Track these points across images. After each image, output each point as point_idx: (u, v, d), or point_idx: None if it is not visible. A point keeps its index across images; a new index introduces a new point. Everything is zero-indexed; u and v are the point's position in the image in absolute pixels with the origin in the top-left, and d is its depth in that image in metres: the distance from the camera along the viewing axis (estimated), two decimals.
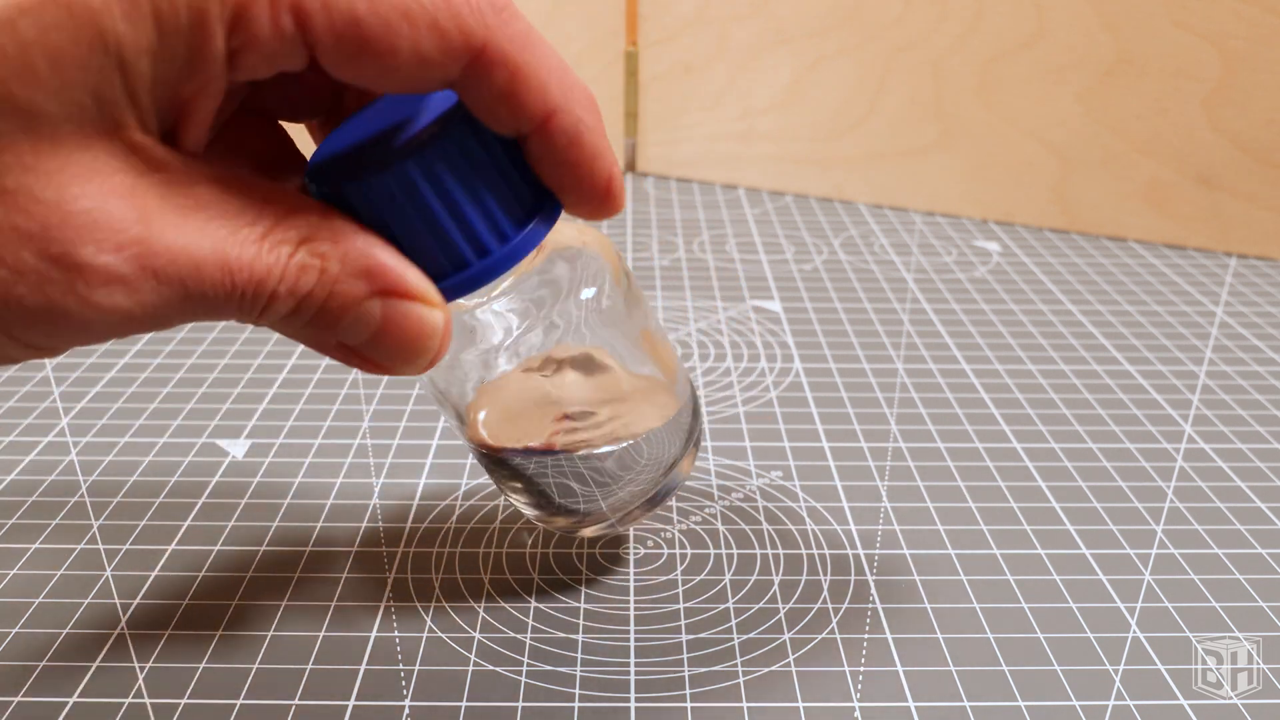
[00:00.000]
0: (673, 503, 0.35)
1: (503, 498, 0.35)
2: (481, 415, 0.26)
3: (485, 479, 0.36)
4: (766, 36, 0.65)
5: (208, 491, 0.35)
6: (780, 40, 0.65)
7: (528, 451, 0.27)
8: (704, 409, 0.30)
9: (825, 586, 0.31)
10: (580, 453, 0.26)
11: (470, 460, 0.37)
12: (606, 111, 0.69)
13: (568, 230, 0.26)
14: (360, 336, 0.20)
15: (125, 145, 0.18)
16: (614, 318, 0.26)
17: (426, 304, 0.20)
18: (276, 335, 0.47)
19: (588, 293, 0.25)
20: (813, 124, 0.66)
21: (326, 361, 0.44)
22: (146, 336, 0.46)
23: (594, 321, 0.26)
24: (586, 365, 0.26)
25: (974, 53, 0.60)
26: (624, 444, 0.27)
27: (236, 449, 0.38)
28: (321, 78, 0.23)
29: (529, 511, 0.29)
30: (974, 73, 0.60)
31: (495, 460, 0.28)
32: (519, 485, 0.28)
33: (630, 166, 0.72)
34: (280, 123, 0.25)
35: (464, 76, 0.19)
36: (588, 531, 0.29)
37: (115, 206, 0.17)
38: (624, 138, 0.71)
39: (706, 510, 0.34)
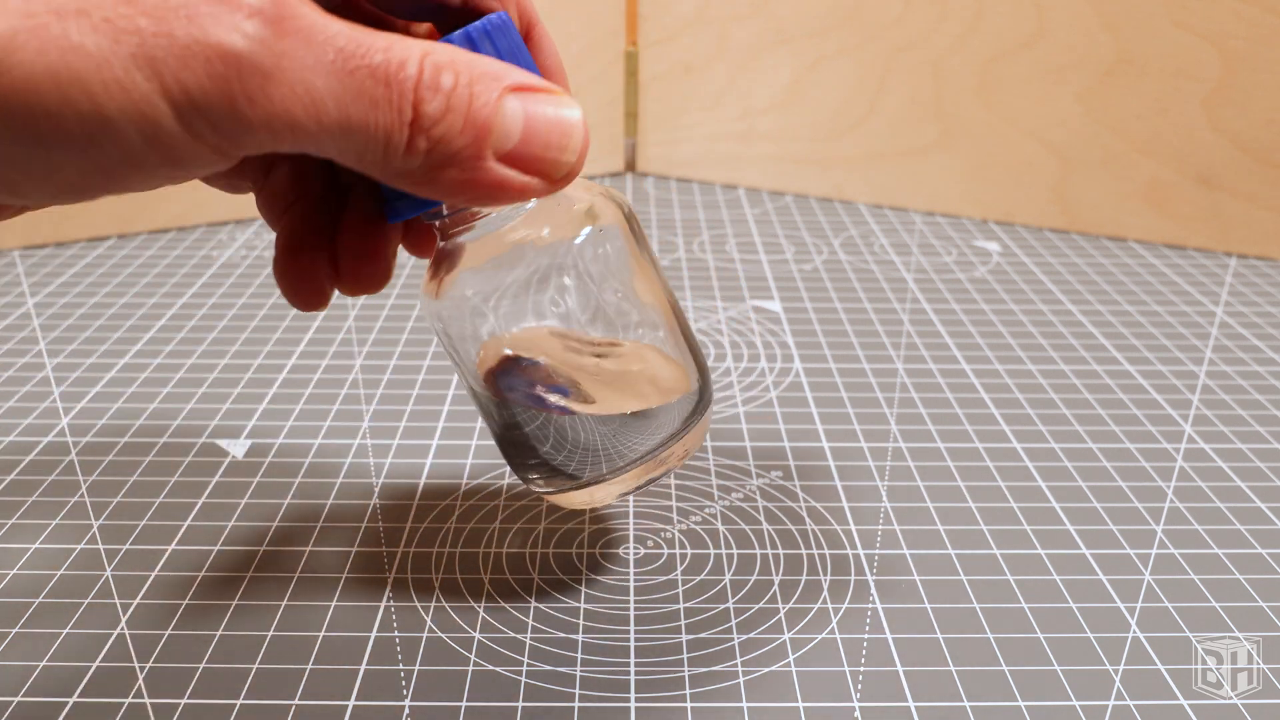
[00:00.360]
0: (672, 503, 0.35)
1: (502, 498, 0.35)
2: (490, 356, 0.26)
3: (485, 479, 0.36)
4: (766, 36, 0.65)
5: (208, 491, 0.35)
6: (780, 40, 0.65)
7: (533, 398, 0.26)
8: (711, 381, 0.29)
9: (825, 586, 0.31)
10: (585, 408, 0.26)
11: (470, 460, 0.37)
12: (607, 111, 0.69)
13: (578, 186, 0.27)
14: (511, 136, 0.20)
15: None
16: (621, 265, 0.26)
17: (559, 97, 0.21)
18: (276, 334, 0.47)
19: (595, 239, 0.26)
20: (813, 124, 0.66)
21: (326, 361, 0.44)
22: (147, 336, 0.46)
23: (603, 268, 0.26)
24: (597, 313, 0.26)
25: (974, 53, 0.60)
26: (631, 399, 0.27)
27: (236, 449, 0.38)
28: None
29: (533, 477, 0.29)
30: (974, 73, 0.60)
31: (502, 410, 0.27)
32: (526, 443, 0.28)
33: (630, 166, 0.72)
34: None
35: None
36: (598, 495, 0.29)
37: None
38: (624, 138, 0.71)
39: (706, 510, 0.34)
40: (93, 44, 0.16)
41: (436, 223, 0.26)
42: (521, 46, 0.23)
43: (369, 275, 0.25)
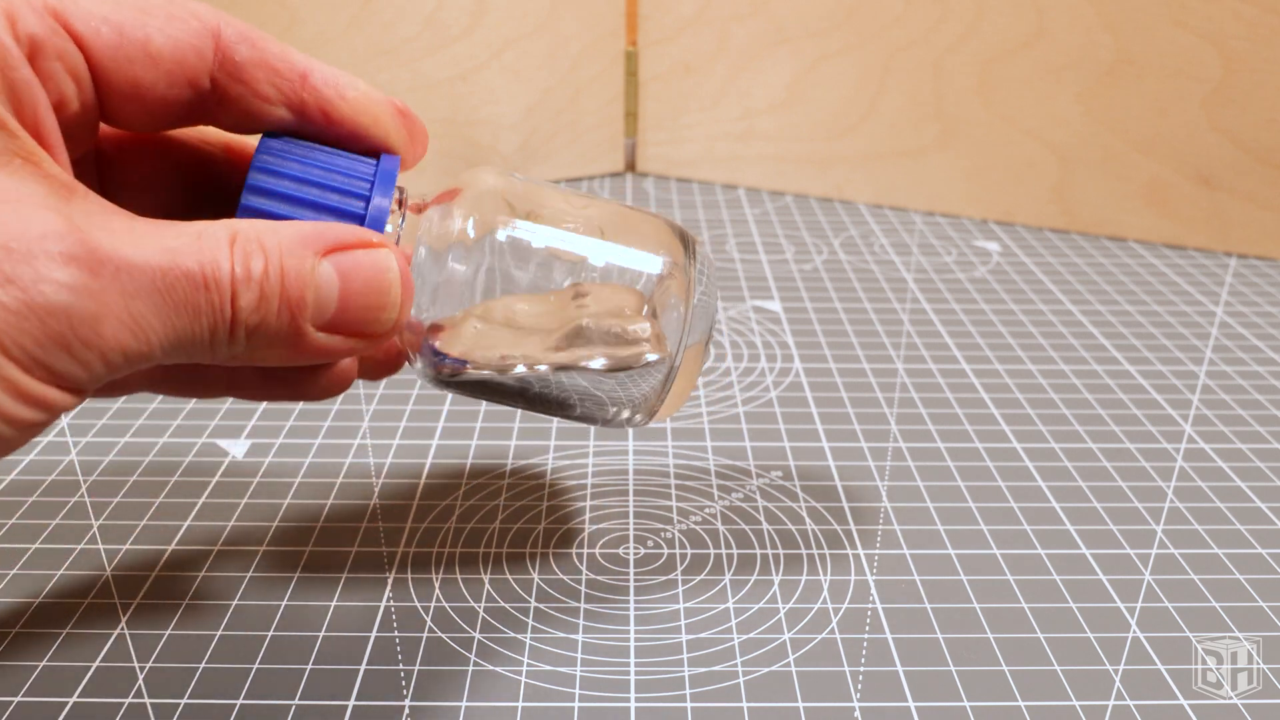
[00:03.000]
0: (672, 503, 0.35)
1: (502, 498, 0.35)
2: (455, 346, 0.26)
3: (485, 479, 0.36)
4: (766, 36, 0.65)
5: (208, 491, 0.35)
6: (780, 40, 0.65)
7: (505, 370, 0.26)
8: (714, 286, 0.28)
9: (825, 586, 0.31)
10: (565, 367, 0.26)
11: (470, 460, 0.37)
12: (607, 111, 0.69)
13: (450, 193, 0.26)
14: (329, 306, 0.20)
15: (37, 174, 0.18)
16: (526, 238, 0.25)
17: (369, 246, 0.21)
18: None
19: (500, 234, 0.25)
20: (813, 124, 0.66)
21: None
22: None
23: (513, 251, 0.25)
24: (530, 283, 0.25)
25: (974, 53, 0.60)
26: (589, 362, 0.26)
27: (236, 449, 0.38)
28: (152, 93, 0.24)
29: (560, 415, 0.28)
30: (974, 73, 0.60)
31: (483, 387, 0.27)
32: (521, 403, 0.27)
33: (630, 166, 0.72)
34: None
35: (217, 63, 0.22)
36: (627, 417, 0.28)
37: (45, 217, 0.18)
38: (624, 138, 0.71)
39: (706, 510, 0.34)
40: None
41: None
42: (311, 152, 0.23)
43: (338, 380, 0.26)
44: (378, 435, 0.38)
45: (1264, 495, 0.35)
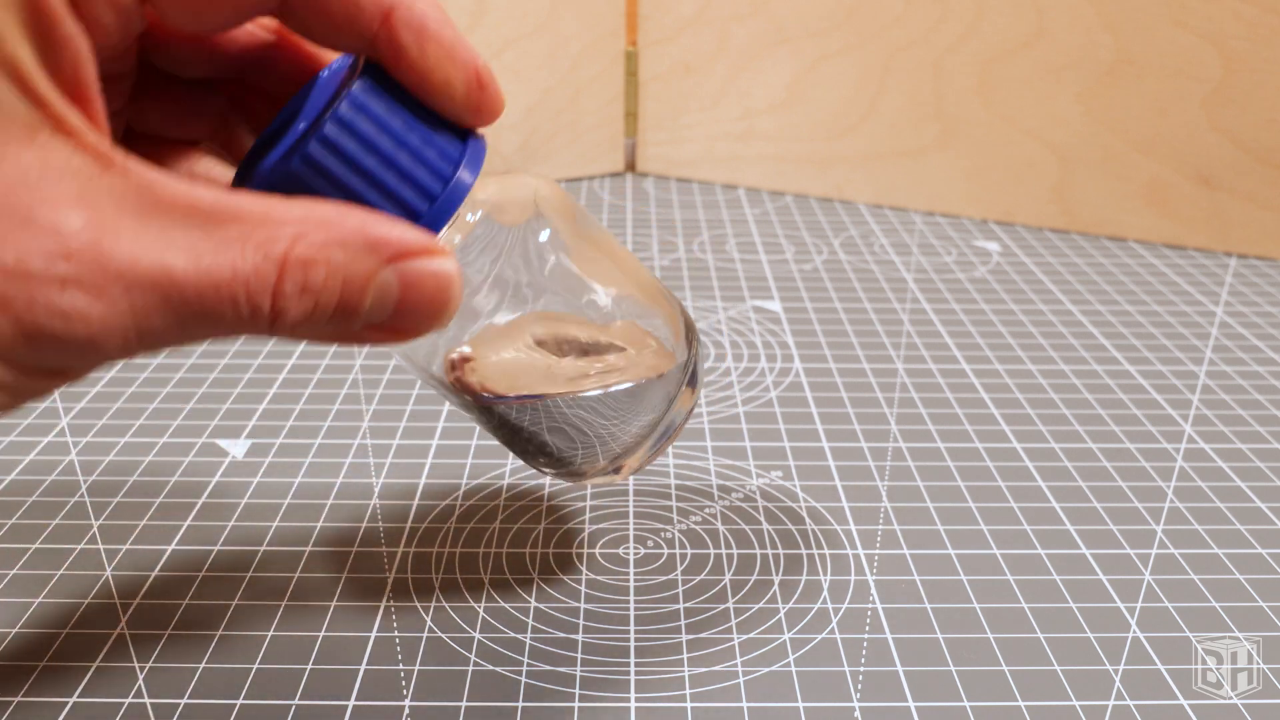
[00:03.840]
0: (672, 503, 0.35)
1: (502, 498, 0.35)
2: (468, 364, 0.26)
3: (485, 479, 0.36)
4: (766, 36, 0.65)
5: (208, 491, 0.35)
6: (780, 40, 0.65)
7: (503, 399, 0.26)
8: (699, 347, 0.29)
9: (825, 586, 0.31)
10: (569, 396, 0.26)
11: (470, 460, 0.37)
12: (607, 111, 0.69)
13: (507, 181, 0.26)
14: (385, 311, 0.19)
15: (69, 146, 0.17)
16: (572, 254, 0.25)
17: (434, 255, 0.19)
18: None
19: (542, 235, 0.25)
20: (813, 124, 0.66)
21: (326, 361, 0.44)
22: None
23: (553, 263, 0.25)
24: (557, 313, 0.25)
25: (974, 53, 0.60)
26: (612, 387, 0.26)
27: (236, 449, 0.38)
28: (201, 93, 0.23)
29: (541, 462, 0.28)
30: (974, 73, 0.60)
31: (483, 410, 0.27)
32: (514, 437, 0.27)
33: (630, 166, 0.72)
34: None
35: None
36: (591, 480, 0.28)
37: (61, 214, 0.16)
38: (624, 138, 0.71)
39: (706, 510, 0.34)
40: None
41: None
42: (395, 112, 0.21)
43: None
44: (378, 435, 0.38)
45: (1264, 495, 0.35)
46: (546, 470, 0.28)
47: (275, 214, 0.18)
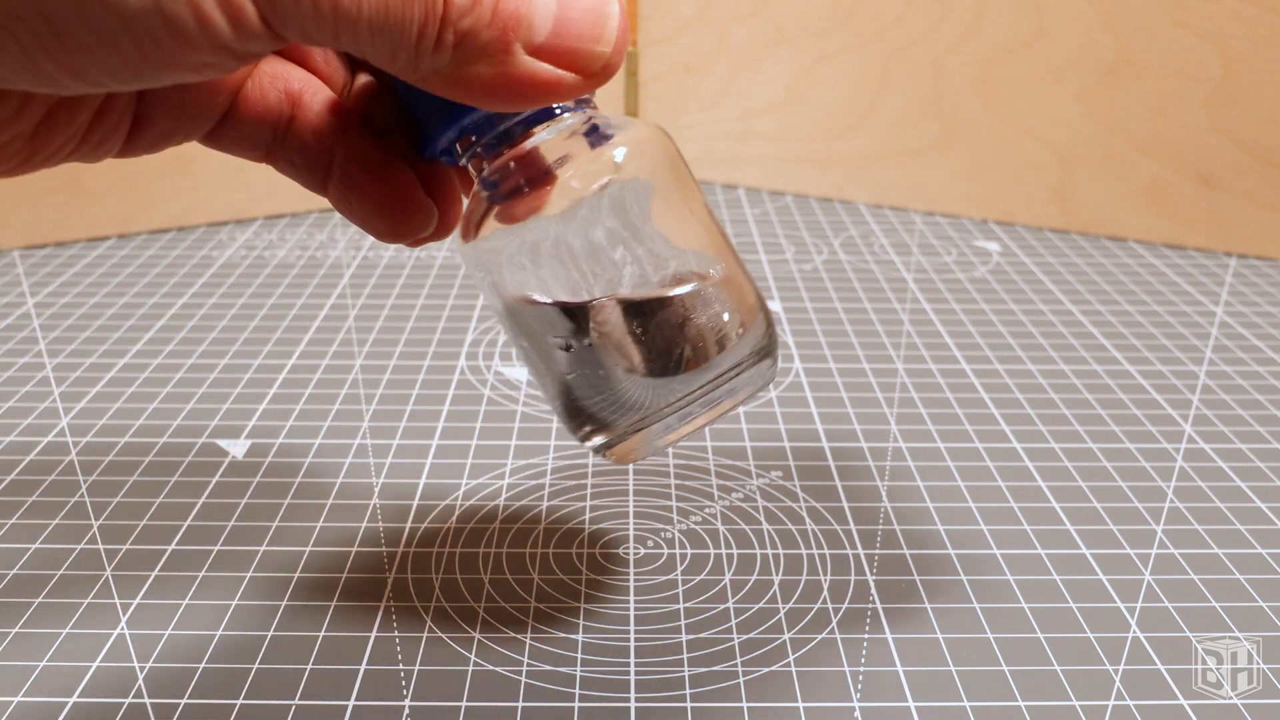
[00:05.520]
0: (672, 503, 0.35)
1: (502, 498, 0.35)
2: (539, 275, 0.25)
3: (485, 479, 0.36)
4: (766, 36, 0.65)
5: (208, 491, 0.35)
6: (780, 40, 0.65)
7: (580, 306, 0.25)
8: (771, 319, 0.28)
9: (825, 586, 0.31)
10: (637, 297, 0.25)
11: (470, 460, 0.37)
12: (607, 111, 0.69)
13: (614, 124, 0.26)
14: (543, 27, 0.19)
15: None
16: (665, 207, 0.25)
17: None
18: (276, 334, 0.47)
19: (633, 184, 0.25)
20: (813, 124, 0.66)
21: (326, 361, 0.44)
22: (147, 336, 0.46)
23: (643, 211, 0.25)
24: (649, 261, 0.25)
25: (974, 53, 0.60)
26: (682, 289, 0.25)
27: (236, 449, 0.38)
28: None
29: (596, 413, 0.27)
30: (974, 73, 0.60)
31: (550, 321, 0.26)
32: (573, 361, 0.26)
33: None
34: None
35: None
36: (655, 437, 0.27)
37: None
38: None
39: (706, 510, 0.34)
40: None
41: (470, 161, 0.25)
42: None
43: (418, 217, 0.24)
44: (378, 435, 0.38)
45: (1264, 495, 0.35)
46: (597, 433, 0.27)
47: None
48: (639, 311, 0.25)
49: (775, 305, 0.50)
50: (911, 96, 0.62)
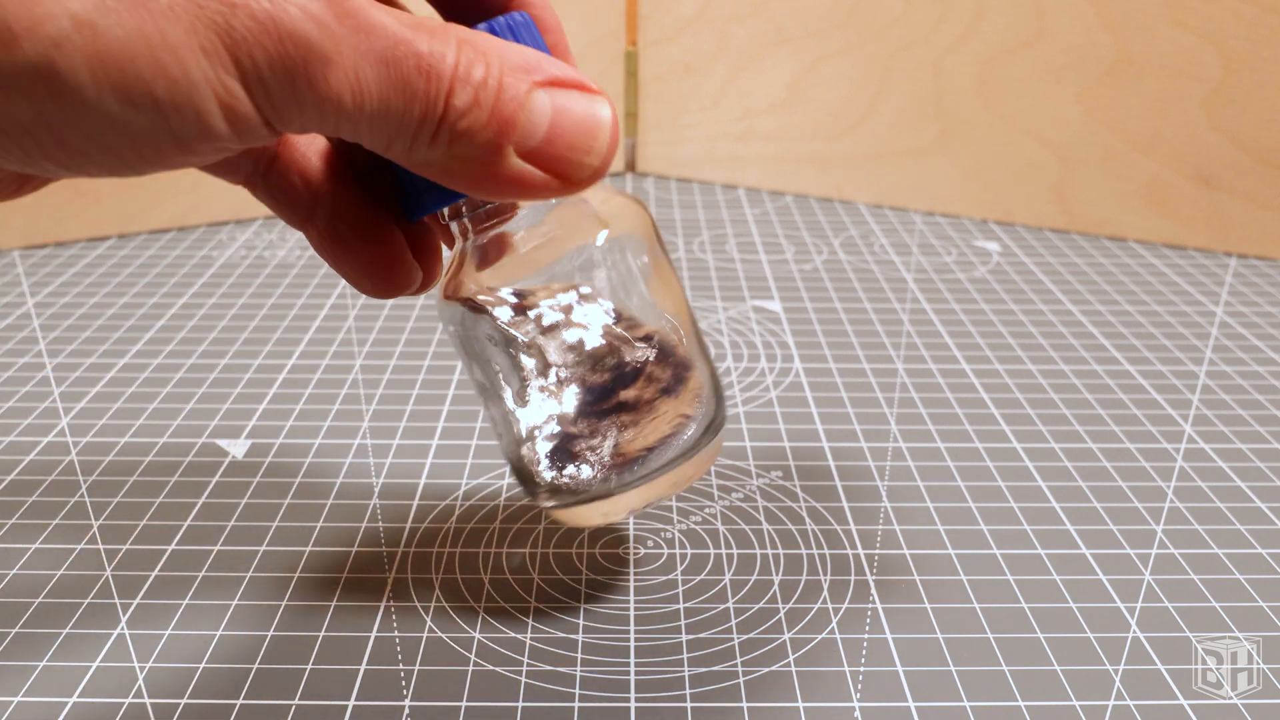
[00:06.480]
0: (672, 503, 0.35)
1: (502, 498, 0.35)
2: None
3: (485, 479, 0.36)
4: (766, 36, 0.65)
5: (208, 491, 0.35)
6: (780, 40, 0.65)
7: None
8: (725, 402, 0.29)
9: (825, 586, 0.31)
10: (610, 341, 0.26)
11: (470, 460, 0.37)
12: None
13: (601, 191, 0.26)
14: (536, 133, 0.20)
15: None
16: (641, 273, 0.26)
17: (588, 91, 0.21)
18: (276, 334, 0.47)
19: (614, 245, 0.25)
20: (813, 124, 0.66)
21: (326, 361, 0.44)
22: (147, 336, 0.46)
23: (623, 276, 0.25)
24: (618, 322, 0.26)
25: (974, 53, 0.60)
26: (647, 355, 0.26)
27: (236, 449, 0.38)
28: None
29: (549, 482, 0.28)
30: (974, 73, 0.60)
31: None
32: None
33: (630, 166, 0.72)
34: None
35: None
36: (606, 510, 0.28)
37: None
38: (624, 138, 0.70)
39: (706, 510, 0.34)
40: (181, 10, 0.17)
41: (456, 224, 0.26)
42: (543, 47, 0.23)
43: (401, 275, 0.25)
44: (378, 435, 0.38)
45: (1264, 495, 0.35)
46: (547, 500, 0.28)
47: (449, 27, 0.20)
48: (598, 396, 0.26)
49: (775, 305, 0.50)
50: (911, 96, 0.62)
